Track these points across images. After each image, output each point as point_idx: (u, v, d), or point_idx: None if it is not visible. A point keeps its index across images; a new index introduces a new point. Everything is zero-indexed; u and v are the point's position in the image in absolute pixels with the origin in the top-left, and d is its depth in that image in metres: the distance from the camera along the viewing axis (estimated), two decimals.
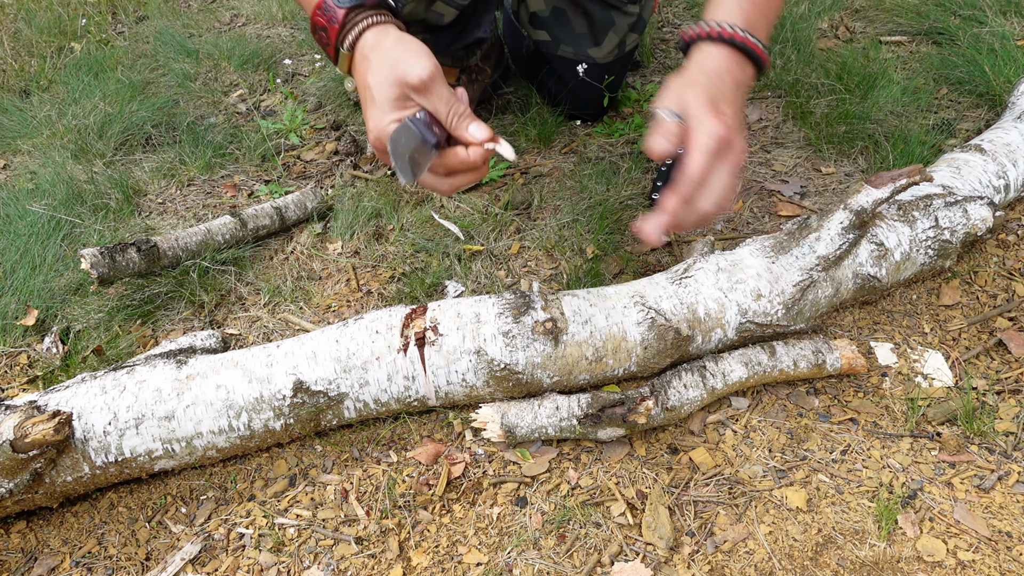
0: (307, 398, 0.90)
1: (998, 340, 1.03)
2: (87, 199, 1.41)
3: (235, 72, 1.92)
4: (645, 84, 1.69)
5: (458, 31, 1.38)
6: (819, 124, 1.46)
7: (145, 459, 0.89)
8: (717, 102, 0.78)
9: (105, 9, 2.39)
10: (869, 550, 0.81)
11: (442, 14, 1.29)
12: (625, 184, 1.36)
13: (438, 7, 1.27)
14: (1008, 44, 1.57)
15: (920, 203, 1.07)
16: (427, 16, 1.28)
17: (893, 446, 0.92)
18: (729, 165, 0.77)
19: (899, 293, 1.11)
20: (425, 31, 1.35)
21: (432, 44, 1.41)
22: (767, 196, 1.33)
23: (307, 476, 0.94)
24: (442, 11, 1.29)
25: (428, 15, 1.28)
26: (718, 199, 0.78)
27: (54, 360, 1.10)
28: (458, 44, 1.41)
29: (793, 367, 0.96)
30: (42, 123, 1.69)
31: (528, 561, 0.83)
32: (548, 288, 1.17)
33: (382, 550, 0.86)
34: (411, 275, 1.21)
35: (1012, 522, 0.83)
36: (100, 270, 1.12)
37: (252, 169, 1.54)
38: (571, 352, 0.93)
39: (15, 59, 2.07)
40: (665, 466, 0.92)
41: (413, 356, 0.92)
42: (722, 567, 0.81)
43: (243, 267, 1.26)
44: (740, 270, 0.99)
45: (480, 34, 1.42)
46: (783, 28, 1.74)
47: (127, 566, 0.86)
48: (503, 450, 0.94)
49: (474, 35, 1.41)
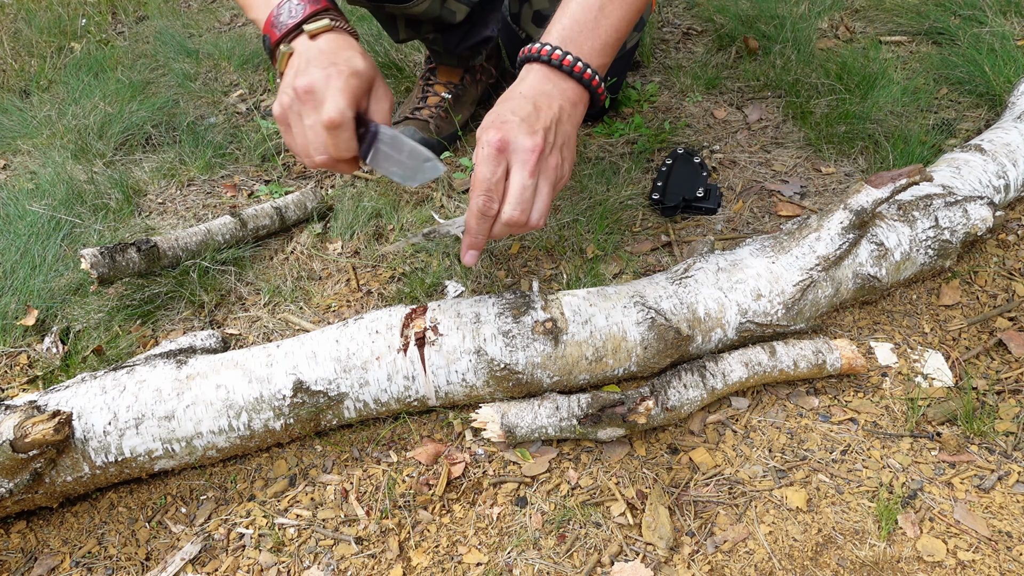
0: (307, 398, 0.90)
1: (998, 340, 1.03)
2: (87, 199, 1.41)
3: (235, 72, 1.92)
4: (645, 84, 1.69)
5: (467, 30, 1.38)
6: (819, 124, 1.46)
7: (145, 459, 0.89)
8: (516, 116, 0.79)
9: (105, 9, 2.39)
10: (869, 550, 0.81)
11: (455, 11, 1.30)
12: (625, 184, 1.36)
13: (451, 4, 1.27)
14: (1008, 44, 1.57)
15: (920, 203, 1.07)
16: (442, 13, 1.29)
17: (893, 446, 0.92)
18: (524, 173, 0.78)
19: (899, 293, 1.11)
20: (437, 30, 1.36)
21: (442, 44, 1.42)
22: (767, 196, 1.33)
23: (307, 476, 0.94)
24: (455, 8, 1.29)
25: (443, 12, 1.29)
26: (519, 206, 0.79)
27: (54, 360, 1.10)
28: (466, 44, 1.41)
29: (793, 367, 0.96)
30: (42, 123, 1.69)
31: (528, 561, 0.83)
32: (548, 288, 1.17)
33: (382, 550, 0.86)
34: (411, 275, 1.21)
35: (1012, 522, 0.83)
36: (100, 270, 1.12)
37: (252, 169, 1.54)
38: (571, 352, 0.93)
39: (15, 59, 2.07)
40: (665, 466, 0.92)
41: (413, 356, 0.92)
42: (722, 567, 0.81)
43: (243, 267, 1.26)
44: (740, 270, 0.99)
45: (487, 33, 1.42)
46: (783, 28, 1.74)
47: (127, 566, 0.86)
48: (503, 450, 0.94)
49: (482, 34, 1.41)
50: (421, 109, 1.47)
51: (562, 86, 0.85)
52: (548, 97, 0.83)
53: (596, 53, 0.87)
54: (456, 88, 1.49)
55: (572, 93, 0.85)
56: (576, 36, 0.86)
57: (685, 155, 1.39)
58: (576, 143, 0.88)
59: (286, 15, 0.85)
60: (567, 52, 0.84)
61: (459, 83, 1.50)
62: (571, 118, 0.85)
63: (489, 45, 1.45)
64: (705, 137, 1.51)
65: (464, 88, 1.50)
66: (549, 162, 0.81)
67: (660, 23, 1.97)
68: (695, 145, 1.49)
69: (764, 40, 1.75)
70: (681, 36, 1.92)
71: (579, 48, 0.85)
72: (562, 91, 0.85)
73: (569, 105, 0.85)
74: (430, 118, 1.45)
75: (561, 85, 0.85)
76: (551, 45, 0.85)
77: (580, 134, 1.54)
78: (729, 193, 1.35)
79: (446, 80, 1.49)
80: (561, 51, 0.84)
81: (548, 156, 0.81)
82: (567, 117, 0.84)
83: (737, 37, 1.79)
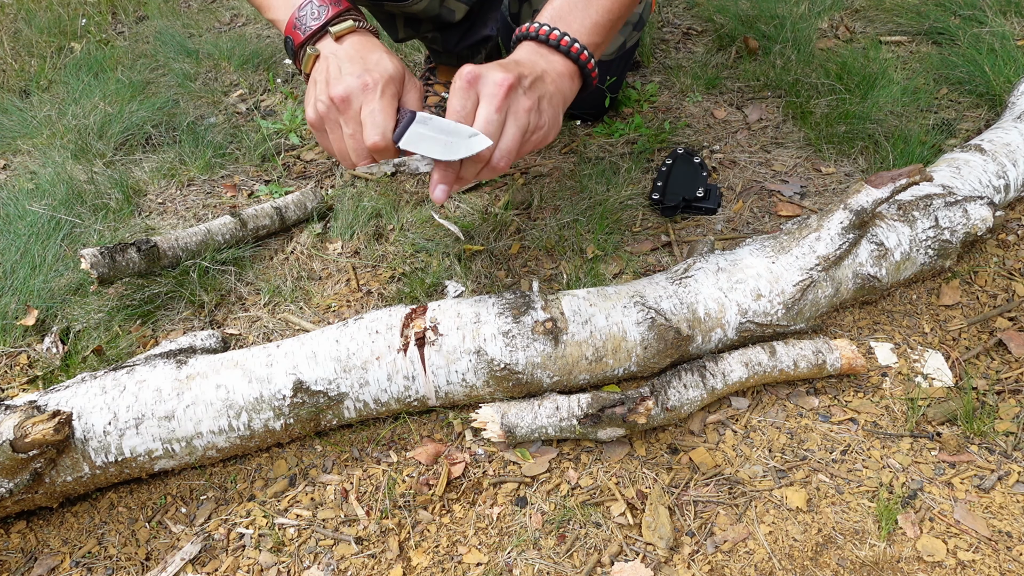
0: (307, 398, 0.90)
1: (998, 340, 1.03)
2: (87, 199, 1.41)
3: (235, 72, 1.92)
4: (645, 84, 1.69)
5: (466, 28, 1.38)
6: (819, 124, 1.46)
7: (145, 459, 0.89)
8: (507, 71, 0.79)
9: (105, 9, 2.39)
10: (869, 550, 0.81)
11: (453, 10, 1.30)
12: (625, 184, 1.36)
13: (450, 3, 1.27)
14: (1008, 44, 1.57)
15: (920, 203, 1.07)
16: (441, 12, 1.29)
17: (893, 446, 0.92)
18: (490, 107, 0.77)
19: (899, 293, 1.11)
20: (436, 29, 1.36)
21: (441, 43, 1.42)
22: (767, 196, 1.33)
23: (307, 476, 0.94)
24: (454, 7, 1.29)
25: (442, 11, 1.29)
26: (492, 144, 0.78)
27: (54, 360, 1.10)
28: (465, 42, 1.41)
29: (793, 367, 0.96)
30: (42, 123, 1.69)
31: (528, 561, 0.83)
32: (548, 288, 1.17)
33: (382, 550, 0.86)
34: (411, 275, 1.21)
35: (1012, 522, 0.83)
36: (100, 270, 1.12)
37: (252, 169, 1.54)
38: (571, 352, 0.93)
39: (15, 59, 2.07)
40: (665, 466, 0.92)
41: (413, 356, 0.92)
42: (722, 567, 0.81)
43: (243, 267, 1.26)
44: (740, 270, 0.99)
45: (487, 32, 1.42)
46: (783, 28, 1.74)
47: (127, 566, 0.86)
48: (503, 450, 0.94)
49: (481, 33, 1.41)
50: (421, 110, 1.47)
51: (551, 59, 0.86)
52: (533, 63, 0.84)
53: (586, 31, 0.88)
54: None
55: (560, 66, 0.86)
56: (567, 15, 0.88)
57: (685, 155, 1.39)
58: (561, 111, 0.87)
59: (309, 17, 0.85)
60: (555, 28, 0.86)
61: None
62: (555, 83, 0.85)
63: (489, 44, 1.45)
64: (705, 137, 1.51)
65: None
66: (520, 102, 0.80)
67: (660, 23, 1.97)
68: (695, 145, 1.49)
69: (764, 40, 1.75)
70: (681, 36, 1.92)
71: (568, 26, 0.87)
72: (550, 63, 0.86)
73: (555, 74, 0.85)
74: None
75: (549, 58, 0.86)
76: (540, 23, 0.87)
77: (580, 134, 1.54)
78: (729, 193, 1.35)
79: (446, 80, 1.49)
80: (549, 27, 0.86)
81: (520, 96, 0.80)
82: (551, 80, 0.84)
83: (737, 37, 1.79)
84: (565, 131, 1.55)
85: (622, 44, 1.44)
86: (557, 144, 1.52)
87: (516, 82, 0.79)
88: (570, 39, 0.86)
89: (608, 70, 1.47)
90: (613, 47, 1.43)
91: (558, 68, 0.86)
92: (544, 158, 1.48)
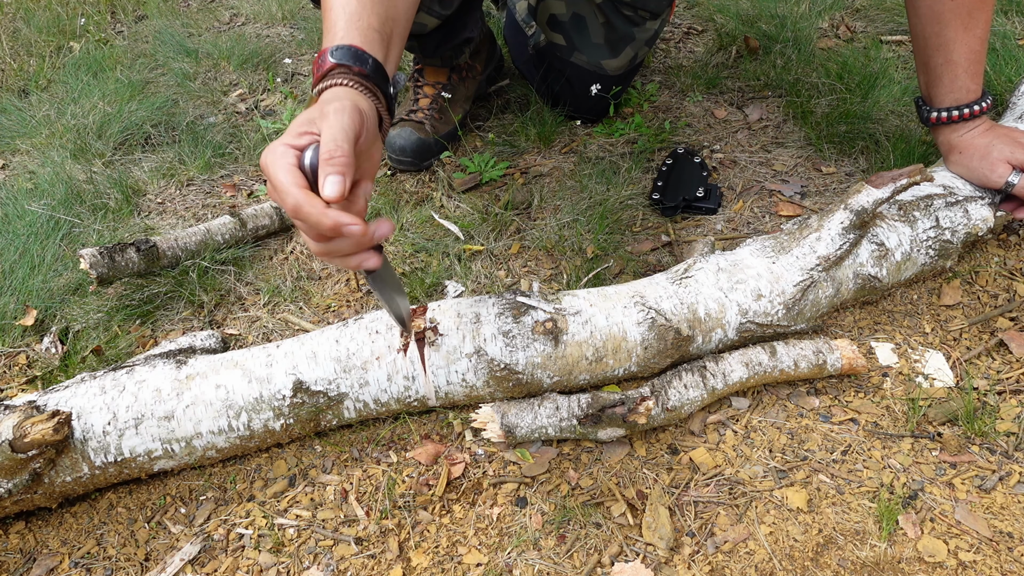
0: (307, 398, 0.90)
1: (999, 340, 1.03)
2: (86, 199, 1.41)
3: (235, 72, 1.92)
4: (645, 84, 1.69)
5: (444, 35, 1.38)
6: (820, 124, 1.45)
7: (144, 459, 0.89)
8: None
9: (104, 8, 2.39)
10: (870, 551, 0.81)
11: (424, 24, 1.30)
12: (625, 184, 1.35)
13: (420, 18, 1.26)
14: (1009, 44, 1.57)
15: (921, 203, 1.07)
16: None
17: (894, 446, 0.92)
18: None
19: (900, 293, 1.11)
20: (411, 38, 1.35)
21: (419, 50, 1.42)
22: (767, 196, 1.33)
23: (307, 476, 0.94)
24: (424, 21, 1.29)
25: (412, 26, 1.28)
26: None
27: (53, 360, 1.10)
28: (446, 46, 1.41)
29: (794, 367, 0.95)
30: (41, 123, 1.69)
31: (528, 561, 0.82)
32: (548, 288, 1.17)
33: (382, 550, 0.85)
34: (411, 275, 1.20)
35: (1013, 523, 0.82)
36: (99, 270, 1.12)
37: (252, 169, 1.54)
38: (571, 352, 0.93)
39: (14, 58, 2.06)
40: (665, 466, 0.91)
41: (413, 356, 0.91)
42: (722, 567, 0.81)
43: (243, 267, 1.26)
44: (740, 270, 0.99)
45: (467, 34, 1.42)
46: (783, 27, 1.74)
47: (126, 566, 0.86)
48: (503, 450, 0.94)
49: (461, 36, 1.41)
50: (415, 111, 1.47)
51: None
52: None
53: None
54: (445, 87, 1.49)
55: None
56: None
57: (685, 155, 1.39)
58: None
59: (318, 66, 0.76)
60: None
61: (447, 82, 1.50)
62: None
63: (471, 45, 1.46)
64: (705, 137, 1.51)
65: (454, 86, 1.50)
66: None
67: None
68: (695, 145, 1.48)
69: (764, 40, 1.75)
70: (681, 36, 1.92)
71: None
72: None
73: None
74: (424, 119, 1.46)
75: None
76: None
77: (580, 134, 1.54)
78: (729, 193, 1.35)
79: (434, 80, 1.50)
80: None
81: None
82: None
83: (737, 37, 1.79)
84: (565, 131, 1.55)
85: (633, 57, 1.44)
86: (557, 144, 1.52)
87: None
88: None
89: (616, 81, 1.47)
90: (623, 60, 1.43)
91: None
92: (544, 158, 1.48)
